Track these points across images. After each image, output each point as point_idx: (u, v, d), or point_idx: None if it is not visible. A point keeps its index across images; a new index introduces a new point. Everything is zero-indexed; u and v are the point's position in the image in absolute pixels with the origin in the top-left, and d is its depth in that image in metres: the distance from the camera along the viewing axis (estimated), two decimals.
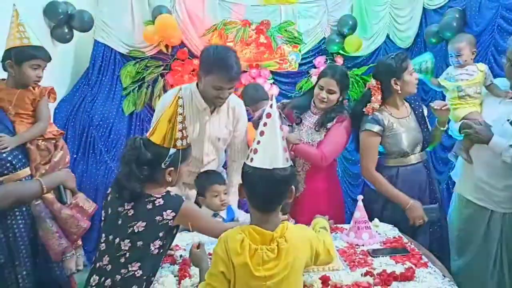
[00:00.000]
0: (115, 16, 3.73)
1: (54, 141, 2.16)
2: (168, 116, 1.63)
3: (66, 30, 3.41)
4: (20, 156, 1.93)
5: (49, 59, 2.15)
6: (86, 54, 3.72)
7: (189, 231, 2.21)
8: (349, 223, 2.20)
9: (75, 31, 3.48)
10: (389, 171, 2.48)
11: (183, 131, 1.66)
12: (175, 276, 1.77)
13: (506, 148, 2.21)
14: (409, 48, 4.10)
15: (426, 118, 2.59)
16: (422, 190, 2.50)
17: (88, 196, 2.25)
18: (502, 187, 2.33)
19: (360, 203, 2.12)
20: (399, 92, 2.46)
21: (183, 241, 2.10)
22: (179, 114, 1.64)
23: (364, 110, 2.46)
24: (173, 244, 2.03)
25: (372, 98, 2.46)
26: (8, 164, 1.88)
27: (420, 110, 2.58)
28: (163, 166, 1.64)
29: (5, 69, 2.09)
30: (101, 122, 3.62)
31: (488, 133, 2.28)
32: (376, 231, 2.19)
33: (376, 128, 2.43)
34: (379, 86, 2.47)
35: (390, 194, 2.43)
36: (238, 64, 2.23)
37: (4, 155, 1.86)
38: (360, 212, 2.11)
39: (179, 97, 1.64)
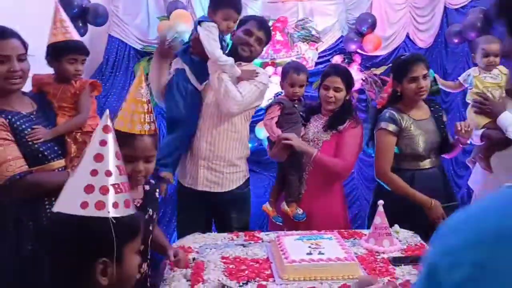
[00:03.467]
0: (130, 11, 3.69)
1: (91, 134, 2.14)
2: (130, 99, 1.54)
3: (80, 24, 3.36)
4: (55, 148, 1.92)
5: (86, 52, 2.17)
6: (100, 49, 3.67)
7: (203, 232, 2.17)
8: (354, 224, 2.13)
9: (89, 26, 3.43)
10: (404, 174, 2.39)
11: (146, 115, 1.54)
12: (187, 281, 1.69)
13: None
14: (429, 48, 4.00)
15: (445, 123, 2.50)
16: (437, 196, 2.37)
17: None
18: None
19: (380, 209, 2.03)
20: (399, 94, 2.38)
21: (196, 243, 2.03)
22: (141, 95, 1.53)
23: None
24: (186, 246, 1.98)
25: (384, 89, 2.41)
26: (40, 155, 1.86)
27: (440, 114, 2.48)
28: None
29: (50, 65, 2.11)
30: (114, 118, 3.56)
31: (500, 108, 2.20)
32: (397, 238, 2.10)
33: (392, 127, 2.34)
34: (392, 82, 2.43)
35: (409, 194, 2.32)
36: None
37: (36, 146, 1.85)
38: (380, 218, 2.02)
39: (139, 77, 1.56)
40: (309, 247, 1.85)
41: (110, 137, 1.13)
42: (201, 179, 2.41)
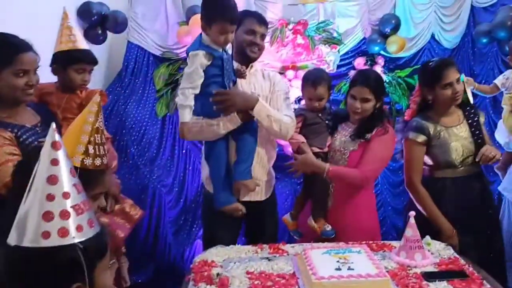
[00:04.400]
0: (149, 17, 3.65)
1: None
2: (75, 125, 1.35)
3: (100, 32, 3.34)
4: None
5: (94, 62, 2.13)
6: (119, 56, 3.64)
7: (225, 245, 2.10)
8: (384, 232, 2.04)
9: (108, 33, 3.41)
10: (436, 183, 2.28)
11: (90, 146, 1.33)
12: None
13: None
14: (455, 48, 3.87)
15: (483, 126, 2.36)
16: (472, 207, 2.26)
17: None
18: None
19: (412, 220, 1.93)
20: (430, 102, 2.28)
21: (219, 256, 1.97)
22: (87, 123, 1.34)
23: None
24: (209, 260, 1.92)
25: (411, 100, 2.33)
26: None
27: (476, 118, 2.34)
28: None
29: (54, 73, 2.04)
30: (133, 126, 3.54)
31: None
32: (429, 250, 2.00)
33: (421, 138, 2.24)
34: (420, 90, 2.32)
35: (432, 215, 2.24)
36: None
37: None
38: (412, 230, 1.93)
39: (94, 103, 1.37)
40: (338, 261, 1.78)
41: (61, 154, 1.01)
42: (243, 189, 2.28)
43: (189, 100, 2.04)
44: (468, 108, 2.36)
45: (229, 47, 2.20)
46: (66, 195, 0.99)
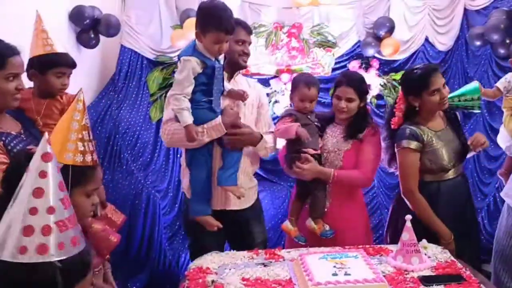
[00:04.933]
0: (142, 21, 3.62)
1: None
2: (61, 124, 1.32)
3: (92, 35, 3.31)
4: None
5: (73, 66, 2.06)
6: (112, 59, 3.61)
7: (220, 251, 2.08)
8: (376, 233, 2.03)
9: (101, 36, 3.39)
10: (429, 187, 2.29)
11: (79, 143, 1.31)
12: None
13: None
14: (449, 51, 3.89)
15: (460, 123, 2.44)
16: (462, 205, 2.32)
17: None
18: None
19: (408, 224, 1.92)
20: (417, 109, 2.28)
21: (214, 263, 1.94)
22: (74, 121, 1.31)
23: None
24: (204, 267, 1.89)
25: (395, 108, 2.34)
26: None
27: (453, 116, 2.41)
28: None
29: (30, 79, 1.99)
30: (127, 130, 3.50)
31: None
32: (425, 254, 1.99)
33: (414, 144, 2.24)
34: (404, 97, 2.33)
35: (431, 221, 2.23)
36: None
37: None
38: (408, 234, 1.91)
39: (78, 100, 1.35)
40: (334, 266, 1.76)
41: (51, 166, 0.97)
42: (231, 198, 2.25)
43: (184, 103, 2.00)
44: (447, 110, 2.39)
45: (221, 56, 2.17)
46: (50, 210, 0.95)
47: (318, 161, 2.36)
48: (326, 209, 2.37)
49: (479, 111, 2.60)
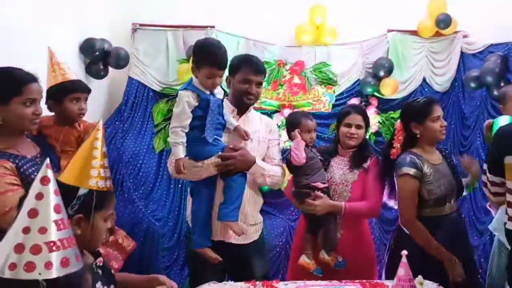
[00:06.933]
0: (150, 54, 3.76)
1: None
2: (82, 151, 1.39)
3: (101, 67, 3.43)
4: None
5: (87, 90, 2.16)
6: (119, 90, 3.73)
7: (219, 281, 2.10)
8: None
9: (110, 68, 3.50)
10: (429, 221, 2.32)
11: (101, 169, 1.38)
12: None
13: None
14: (446, 92, 4.00)
15: (454, 161, 2.52)
16: (459, 241, 2.35)
17: None
18: None
19: (404, 259, 1.96)
20: (418, 136, 2.36)
21: None
22: (95, 149, 1.38)
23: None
24: None
25: (394, 139, 2.41)
26: None
27: (451, 158, 2.50)
28: (69, 211, 1.26)
29: (49, 109, 2.09)
30: (130, 159, 3.58)
31: None
32: None
33: (413, 171, 2.28)
34: (403, 128, 2.41)
35: (433, 247, 2.25)
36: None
37: None
38: (404, 269, 1.94)
39: (97, 130, 1.42)
40: None
41: (49, 189, 1.03)
42: (230, 231, 2.22)
43: (180, 138, 2.07)
44: (443, 148, 2.51)
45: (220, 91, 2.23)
46: (42, 230, 1.00)
47: (327, 194, 2.42)
48: (337, 241, 2.40)
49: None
